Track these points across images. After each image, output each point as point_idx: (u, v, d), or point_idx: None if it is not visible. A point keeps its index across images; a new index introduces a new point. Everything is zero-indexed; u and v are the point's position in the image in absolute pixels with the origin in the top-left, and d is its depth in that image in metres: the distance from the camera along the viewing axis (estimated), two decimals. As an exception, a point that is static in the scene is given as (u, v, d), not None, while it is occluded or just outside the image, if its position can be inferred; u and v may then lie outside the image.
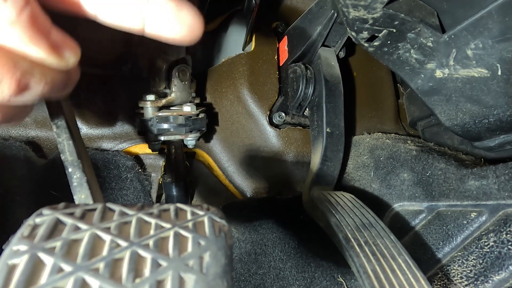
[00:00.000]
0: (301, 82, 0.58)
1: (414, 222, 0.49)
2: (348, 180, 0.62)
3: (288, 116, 0.64)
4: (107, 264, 0.13)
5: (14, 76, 0.16)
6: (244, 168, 0.66)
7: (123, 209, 0.17)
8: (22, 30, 0.16)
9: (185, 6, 0.19)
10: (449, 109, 0.45)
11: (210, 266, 0.15)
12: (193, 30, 0.20)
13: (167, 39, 0.20)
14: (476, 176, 0.42)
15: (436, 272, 0.42)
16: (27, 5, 0.16)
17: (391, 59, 0.44)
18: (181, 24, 0.19)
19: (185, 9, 0.19)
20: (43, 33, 0.17)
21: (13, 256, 0.13)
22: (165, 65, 0.54)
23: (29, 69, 0.17)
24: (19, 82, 0.16)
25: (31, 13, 0.16)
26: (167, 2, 0.19)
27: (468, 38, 0.38)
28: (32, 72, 0.17)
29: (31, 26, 0.16)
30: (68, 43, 0.18)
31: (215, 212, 0.18)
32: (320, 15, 0.54)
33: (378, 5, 0.38)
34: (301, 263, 0.55)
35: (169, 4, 0.19)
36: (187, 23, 0.19)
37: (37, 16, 0.16)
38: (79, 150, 0.23)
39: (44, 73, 0.17)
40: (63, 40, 0.18)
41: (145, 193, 0.59)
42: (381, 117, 0.72)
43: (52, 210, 0.16)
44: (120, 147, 0.62)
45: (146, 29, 0.19)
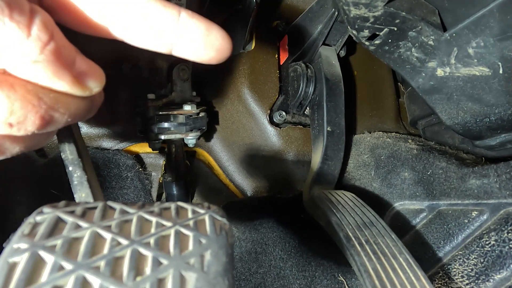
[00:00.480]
0: (301, 81, 0.58)
1: (415, 221, 0.49)
2: (349, 179, 0.62)
3: (289, 115, 0.64)
4: (108, 262, 0.13)
5: (39, 113, 0.16)
6: (244, 167, 0.66)
7: (124, 207, 0.17)
8: (45, 66, 0.15)
9: (215, 29, 0.19)
10: (450, 108, 0.45)
11: (211, 264, 0.15)
12: (221, 53, 0.19)
13: (195, 60, 0.20)
14: (477, 175, 0.42)
15: (437, 271, 0.42)
16: (51, 40, 0.15)
17: (392, 58, 0.44)
18: (210, 48, 0.19)
19: (214, 32, 0.19)
20: (67, 65, 0.16)
21: (14, 254, 0.13)
22: (166, 64, 0.54)
23: (54, 104, 0.16)
24: (43, 117, 0.16)
25: (55, 47, 0.15)
26: (196, 27, 0.18)
27: (469, 37, 0.38)
28: (56, 105, 0.16)
29: (54, 61, 0.16)
30: (93, 71, 0.18)
31: (216, 210, 0.18)
32: (321, 13, 0.54)
33: (379, 3, 0.38)
34: (302, 262, 0.55)
35: (199, 29, 0.19)
36: (216, 47, 0.19)
37: (61, 49, 0.16)
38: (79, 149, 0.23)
39: (69, 104, 0.17)
40: (88, 68, 0.18)
41: (145, 192, 0.59)
42: (381, 116, 0.72)
43: (53, 208, 0.16)
44: (120, 146, 0.62)
45: (173, 51, 0.19)
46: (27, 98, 0.15)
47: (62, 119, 0.17)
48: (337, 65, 0.59)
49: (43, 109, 0.16)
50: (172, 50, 0.19)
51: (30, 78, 0.16)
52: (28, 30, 0.14)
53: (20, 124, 0.15)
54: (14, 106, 0.15)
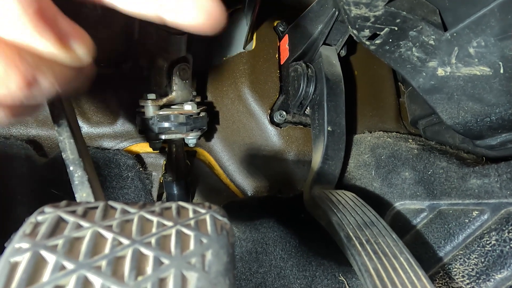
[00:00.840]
0: (302, 81, 0.58)
1: (416, 221, 0.49)
2: (349, 179, 0.62)
3: (289, 115, 0.64)
4: (109, 262, 0.13)
5: (21, 71, 0.15)
6: (245, 167, 0.66)
7: (125, 207, 0.17)
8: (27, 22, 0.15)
9: None
10: (451, 108, 0.45)
11: (212, 264, 0.15)
12: (213, 17, 0.18)
13: (186, 27, 0.19)
14: (478, 175, 0.42)
15: (438, 271, 0.42)
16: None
17: (393, 57, 0.44)
18: (201, 12, 0.18)
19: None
20: (50, 24, 0.16)
21: (15, 254, 0.13)
22: (166, 63, 0.54)
23: (37, 63, 0.16)
24: (26, 77, 0.15)
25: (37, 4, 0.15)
26: None
27: (470, 36, 0.37)
28: (39, 66, 0.16)
29: (37, 18, 0.15)
30: (78, 34, 0.17)
31: (217, 210, 0.18)
32: (321, 13, 0.54)
33: (380, 3, 0.38)
34: (302, 262, 0.55)
35: None
36: (207, 11, 0.18)
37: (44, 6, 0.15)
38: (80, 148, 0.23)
39: (53, 67, 0.16)
40: (73, 30, 0.17)
41: (146, 192, 0.59)
42: (382, 116, 0.72)
43: (54, 208, 0.16)
44: (121, 146, 0.62)
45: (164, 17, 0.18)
46: (8, 55, 0.15)
47: (47, 84, 0.16)
48: (338, 65, 0.59)
49: (25, 67, 0.15)
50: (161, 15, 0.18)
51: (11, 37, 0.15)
52: None
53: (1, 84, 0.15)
54: None
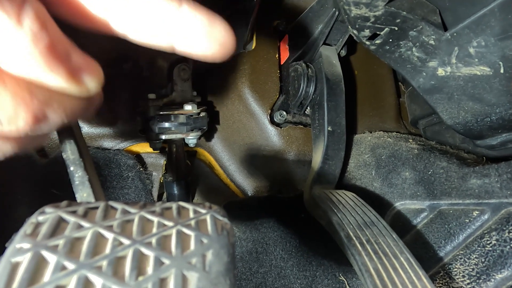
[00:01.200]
0: (302, 81, 0.58)
1: (416, 221, 0.49)
2: (350, 179, 0.62)
3: (289, 115, 0.64)
4: (110, 262, 0.13)
5: (30, 109, 0.15)
6: (245, 167, 0.66)
7: (126, 207, 0.17)
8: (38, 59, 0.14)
9: (217, 22, 0.18)
10: (451, 108, 0.45)
11: (213, 264, 0.15)
12: (225, 47, 0.18)
13: (198, 57, 0.19)
14: (478, 175, 0.42)
15: (438, 271, 0.42)
16: (44, 31, 0.14)
17: (393, 57, 0.44)
18: (213, 42, 0.18)
19: (217, 25, 0.18)
20: (61, 59, 0.15)
21: (16, 254, 0.13)
22: (166, 64, 0.54)
23: (47, 100, 0.15)
24: (35, 113, 0.15)
25: (48, 40, 0.14)
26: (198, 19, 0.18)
27: (470, 36, 0.37)
28: (50, 102, 0.15)
29: (48, 54, 0.15)
30: (90, 67, 0.17)
31: (218, 210, 0.18)
32: (322, 13, 0.54)
33: (380, 3, 0.38)
34: (303, 261, 0.55)
35: (201, 21, 0.18)
36: (219, 41, 0.18)
37: (55, 42, 0.15)
38: (80, 148, 0.23)
39: (63, 102, 0.16)
40: (85, 64, 0.17)
41: (146, 192, 0.59)
42: (382, 116, 0.72)
43: (55, 208, 0.16)
44: (121, 146, 0.62)
45: (175, 47, 0.18)
46: (18, 93, 0.14)
47: (56, 118, 0.16)
48: (338, 65, 0.59)
49: (36, 105, 0.15)
50: (174, 45, 0.18)
51: (21, 73, 0.15)
52: (18, 20, 0.13)
53: (10, 122, 0.14)
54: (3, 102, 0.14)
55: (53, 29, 0.15)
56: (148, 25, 0.17)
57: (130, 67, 0.61)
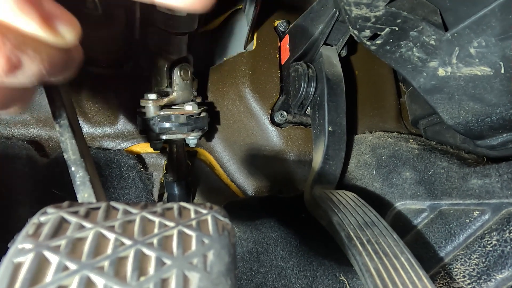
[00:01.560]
0: (302, 81, 0.58)
1: (416, 221, 0.49)
2: (350, 179, 0.62)
3: (290, 115, 0.64)
4: (111, 262, 0.13)
5: (3, 51, 0.14)
6: (245, 167, 0.66)
7: (127, 207, 0.17)
8: None
9: None
10: (452, 108, 0.45)
11: (214, 264, 0.15)
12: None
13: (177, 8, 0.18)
14: (479, 175, 0.42)
15: (439, 271, 0.42)
16: None
17: (393, 58, 0.44)
18: None
19: None
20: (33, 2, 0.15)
21: (19, 254, 0.13)
22: (167, 63, 0.54)
23: (20, 44, 0.15)
24: (9, 57, 0.14)
25: None
26: None
27: (471, 36, 0.37)
28: (24, 47, 0.15)
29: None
30: (64, 16, 0.16)
31: (218, 210, 0.18)
32: (322, 13, 0.54)
33: (381, 3, 0.38)
34: (303, 261, 0.55)
35: None
36: None
37: None
38: (81, 149, 0.23)
39: (38, 48, 0.16)
40: (59, 12, 0.16)
41: (147, 192, 0.59)
42: (382, 116, 0.72)
43: (57, 208, 0.16)
44: (122, 146, 0.62)
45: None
46: None
47: (32, 65, 0.16)
48: (338, 65, 0.59)
49: (8, 48, 0.14)
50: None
51: None
52: None
53: None
54: None
55: None
56: None
57: (130, 67, 0.61)
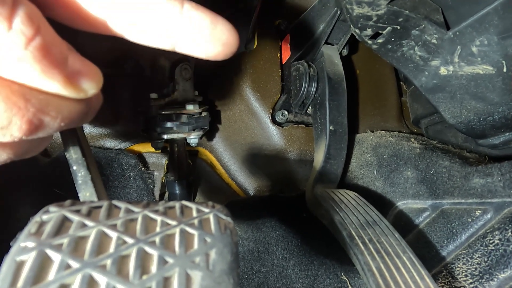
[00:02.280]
0: (304, 80, 0.58)
1: (418, 220, 0.49)
2: (352, 178, 0.62)
3: (291, 114, 0.64)
4: (114, 260, 0.13)
5: (25, 117, 0.14)
6: (246, 166, 0.66)
7: (129, 206, 0.17)
8: (32, 63, 0.14)
9: (220, 22, 0.17)
10: (454, 107, 0.45)
11: (216, 263, 0.15)
12: (228, 47, 0.18)
13: (200, 57, 0.18)
14: (481, 174, 0.42)
15: (441, 270, 0.42)
16: (37, 34, 0.14)
17: (395, 56, 0.44)
18: (216, 42, 0.17)
19: (220, 25, 0.17)
20: (57, 63, 0.15)
21: (21, 252, 0.13)
22: (168, 63, 0.54)
23: (43, 106, 0.15)
24: (31, 121, 0.14)
25: (42, 43, 0.14)
26: (201, 19, 0.17)
27: (473, 35, 0.37)
28: (46, 108, 0.15)
29: (42, 58, 0.14)
30: (88, 70, 0.16)
31: (220, 209, 0.18)
32: (323, 12, 0.54)
33: (382, 2, 0.38)
34: (304, 261, 0.55)
35: (204, 21, 0.17)
36: (222, 41, 0.18)
37: (50, 45, 0.14)
38: (83, 148, 0.23)
39: (61, 107, 0.15)
40: (82, 67, 0.16)
41: (148, 191, 0.59)
42: (384, 115, 0.72)
43: (59, 207, 0.16)
44: (123, 145, 0.62)
45: (177, 47, 0.18)
46: (11, 99, 0.14)
47: (53, 124, 0.15)
48: (340, 64, 0.59)
49: (31, 112, 0.14)
50: (176, 46, 0.18)
51: (15, 78, 0.14)
52: (9, 22, 0.13)
53: (4, 130, 0.14)
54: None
55: (47, 32, 0.14)
56: (149, 26, 0.17)
57: (132, 66, 0.61)
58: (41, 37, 0.14)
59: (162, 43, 0.18)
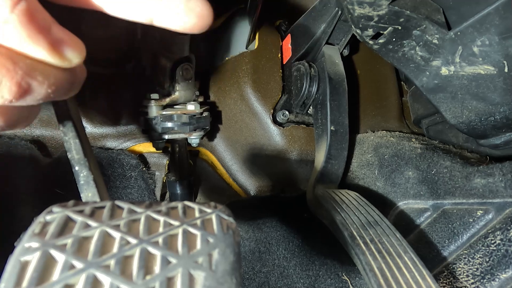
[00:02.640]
0: (305, 80, 0.58)
1: (419, 220, 0.49)
2: (353, 178, 0.62)
3: (292, 115, 0.64)
4: (117, 261, 0.13)
5: (14, 78, 0.15)
6: (247, 166, 0.66)
7: (132, 207, 0.17)
8: (18, 27, 0.15)
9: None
10: (455, 107, 0.45)
11: (219, 263, 0.15)
12: (203, 19, 0.19)
13: (176, 30, 0.19)
14: (482, 174, 0.41)
15: (442, 270, 0.42)
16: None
17: (396, 57, 0.44)
18: (191, 15, 0.18)
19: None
20: (42, 30, 0.16)
21: (25, 253, 0.13)
22: (169, 63, 0.54)
23: (30, 70, 0.16)
24: (20, 84, 0.15)
25: (27, 8, 0.15)
26: None
27: (474, 35, 0.37)
28: (33, 73, 0.16)
29: (27, 23, 0.15)
30: (71, 40, 0.17)
31: (223, 209, 0.18)
32: (324, 12, 0.54)
33: (384, 2, 0.38)
34: (306, 261, 0.55)
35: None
36: (197, 13, 0.18)
37: (34, 11, 0.15)
38: (85, 148, 0.23)
39: (47, 73, 0.16)
40: (66, 36, 0.17)
41: (149, 191, 0.59)
42: (385, 115, 0.72)
43: (62, 207, 0.16)
44: (124, 145, 0.62)
45: (154, 20, 0.19)
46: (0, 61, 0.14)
47: (41, 89, 0.16)
48: (341, 64, 0.59)
49: (19, 74, 0.15)
50: (153, 19, 0.19)
51: (2, 42, 0.15)
52: None
53: None
54: None
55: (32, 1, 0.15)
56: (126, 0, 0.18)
57: (132, 66, 0.62)
58: (26, 2, 0.15)
59: (140, 16, 0.19)
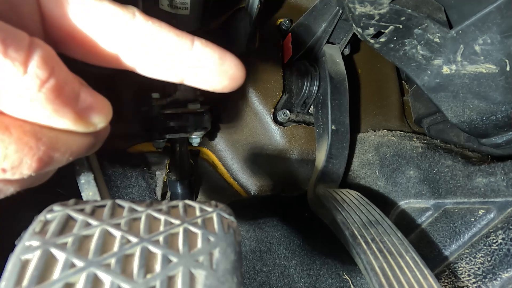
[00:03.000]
0: (305, 80, 0.58)
1: (421, 220, 0.49)
2: (354, 178, 0.62)
3: (293, 114, 0.64)
4: (118, 259, 0.13)
5: (36, 156, 0.14)
6: (248, 166, 0.66)
7: (132, 205, 0.17)
8: (44, 104, 0.14)
9: (228, 58, 0.18)
10: (456, 106, 0.45)
11: (220, 262, 0.15)
12: (235, 81, 0.19)
13: (207, 89, 0.19)
14: (484, 173, 0.41)
15: (443, 270, 0.42)
16: (51, 76, 0.14)
17: (397, 56, 0.44)
18: (223, 77, 0.18)
19: (227, 61, 0.18)
20: (69, 102, 0.15)
21: (26, 251, 0.13)
22: (170, 63, 0.54)
23: (54, 143, 0.15)
24: (41, 159, 0.14)
25: (55, 84, 0.14)
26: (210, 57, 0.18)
27: (476, 34, 0.37)
28: (56, 145, 0.15)
29: (55, 99, 0.14)
30: (98, 104, 0.16)
31: (224, 208, 0.18)
32: (325, 11, 0.54)
33: (385, 0, 0.38)
34: (306, 260, 0.55)
35: (212, 58, 0.18)
36: (229, 75, 0.18)
37: (63, 85, 0.14)
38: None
39: (70, 142, 0.16)
40: (93, 102, 0.16)
41: (150, 191, 0.59)
42: (386, 114, 0.72)
43: (63, 206, 0.16)
44: (125, 145, 0.62)
45: (185, 80, 0.18)
46: (23, 140, 0.14)
47: (62, 159, 0.16)
48: (341, 63, 0.59)
49: (41, 150, 0.14)
50: (184, 79, 0.18)
51: (28, 118, 0.14)
52: (24, 67, 0.13)
53: (14, 169, 0.14)
54: (8, 150, 0.13)
55: (61, 72, 0.14)
56: (160, 61, 0.17)
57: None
58: (54, 78, 0.14)
59: (172, 77, 0.18)
